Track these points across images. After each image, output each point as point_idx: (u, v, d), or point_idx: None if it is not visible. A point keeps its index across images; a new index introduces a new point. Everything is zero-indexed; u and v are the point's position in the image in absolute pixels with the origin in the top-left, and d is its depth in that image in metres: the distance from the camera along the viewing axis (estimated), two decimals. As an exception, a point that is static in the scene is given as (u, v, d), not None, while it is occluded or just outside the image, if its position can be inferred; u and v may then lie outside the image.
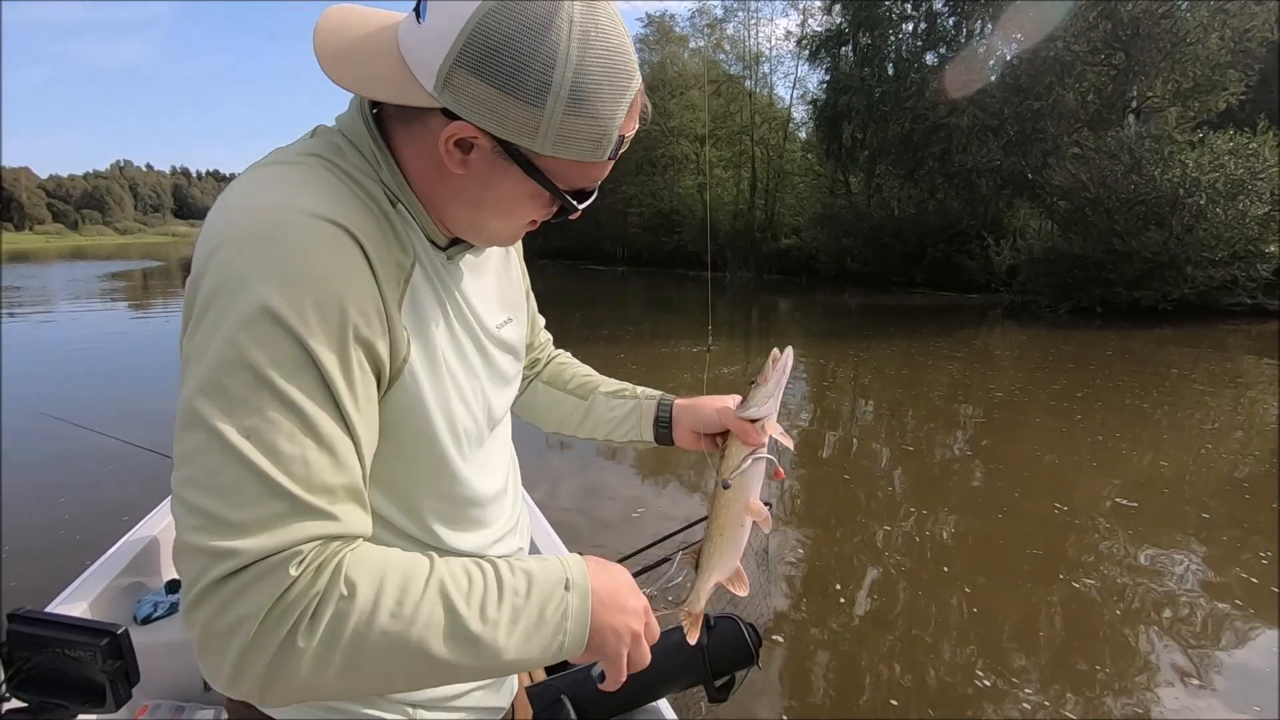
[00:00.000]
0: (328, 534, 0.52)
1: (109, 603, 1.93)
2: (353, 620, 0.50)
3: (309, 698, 0.51)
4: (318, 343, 0.53)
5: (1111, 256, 12.24)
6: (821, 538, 3.99)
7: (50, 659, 1.10)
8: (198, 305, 0.54)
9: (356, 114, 0.64)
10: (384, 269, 0.59)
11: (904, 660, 2.81)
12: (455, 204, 0.64)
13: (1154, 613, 3.13)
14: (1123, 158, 12.63)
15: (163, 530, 2.31)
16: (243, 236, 0.54)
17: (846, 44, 20.54)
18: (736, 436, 0.84)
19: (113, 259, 46.34)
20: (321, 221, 0.55)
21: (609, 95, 0.58)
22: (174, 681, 1.94)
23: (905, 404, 7.10)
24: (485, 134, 0.58)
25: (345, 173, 0.61)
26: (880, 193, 20.22)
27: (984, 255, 15.41)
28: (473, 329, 0.72)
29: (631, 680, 1.58)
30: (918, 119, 17.82)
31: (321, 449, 0.53)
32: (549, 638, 0.58)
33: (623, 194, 27.44)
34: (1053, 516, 4.13)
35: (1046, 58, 14.91)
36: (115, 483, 4.62)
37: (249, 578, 0.48)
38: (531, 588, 0.58)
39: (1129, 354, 9.34)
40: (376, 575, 0.52)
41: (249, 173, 0.60)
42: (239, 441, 0.50)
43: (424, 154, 0.62)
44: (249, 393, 0.51)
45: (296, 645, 0.49)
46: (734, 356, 9.76)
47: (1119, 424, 6.04)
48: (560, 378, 1.03)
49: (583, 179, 0.64)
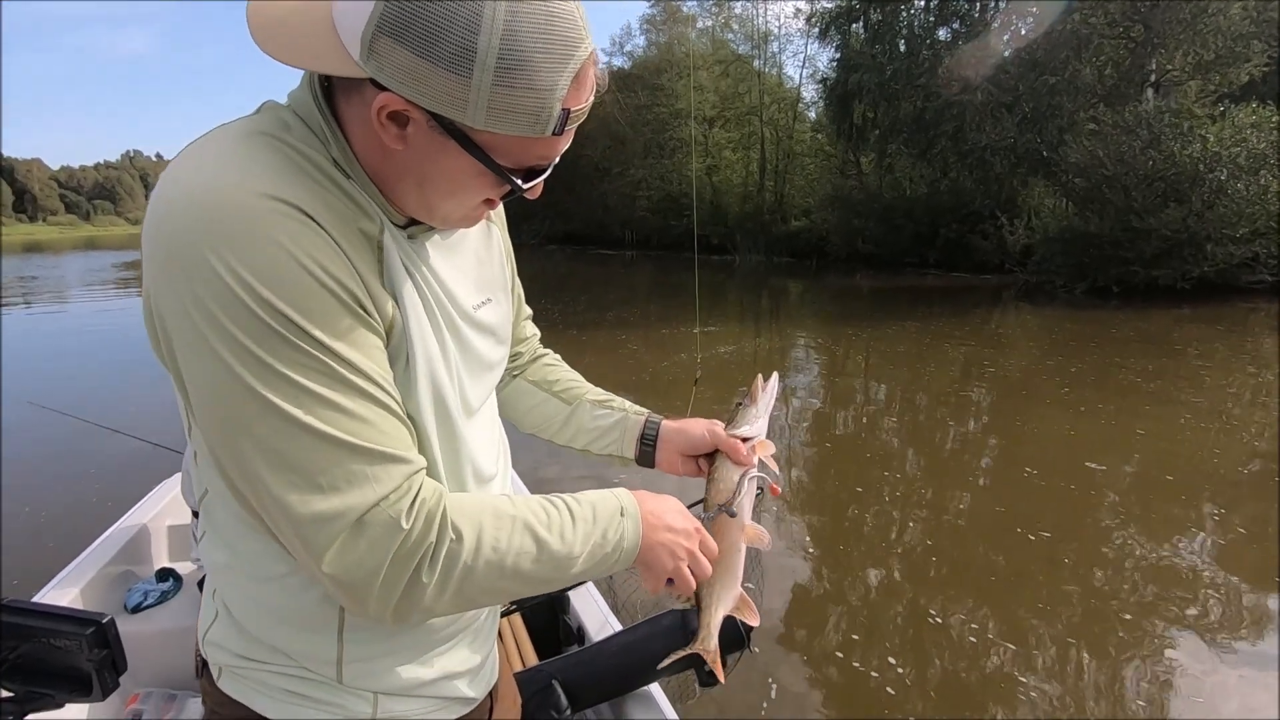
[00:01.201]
0: (408, 474, 0.58)
1: (99, 591, 1.92)
2: (463, 557, 0.59)
3: (431, 616, 0.63)
4: (308, 310, 0.54)
5: (1129, 235, 12.00)
6: (828, 520, 3.95)
7: (36, 649, 1.08)
8: (162, 296, 0.54)
9: (306, 88, 0.61)
10: (348, 240, 0.58)
11: (910, 645, 2.78)
12: (404, 183, 0.61)
13: (1167, 594, 3.08)
14: (1141, 133, 12.34)
15: (153, 519, 2.30)
16: (200, 223, 0.52)
17: (857, 20, 20.16)
18: (726, 456, 0.82)
19: (125, 249, 46.71)
20: (274, 201, 0.53)
21: (545, 64, 0.54)
22: (165, 669, 1.93)
23: (917, 386, 7.03)
24: (417, 107, 0.55)
25: (292, 148, 0.58)
26: (892, 173, 19.94)
27: (998, 235, 15.20)
28: (445, 309, 0.69)
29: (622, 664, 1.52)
30: (930, 97, 17.49)
31: (366, 400, 0.56)
32: (609, 554, 0.67)
33: (631, 177, 27.26)
34: (1065, 498, 4.08)
35: (1063, 31, 14.57)
36: (105, 471, 4.63)
37: (367, 537, 0.55)
38: (596, 516, 0.67)
39: (1146, 334, 9.20)
40: (475, 518, 0.60)
41: (191, 153, 0.57)
42: (297, 413, 0.53)
43: (367, 130, 0.58)
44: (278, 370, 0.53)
45: (421, 581, 0.57)
46: (733, 337, 9.70)
47: (1135, 405, 5.95)
48: (546, 379, 0.99)
49: (529, 156, 0.60)
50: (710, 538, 0.76)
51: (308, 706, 0.68)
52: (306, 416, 0.54)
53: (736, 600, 0.83)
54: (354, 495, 0.55)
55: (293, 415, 0.53)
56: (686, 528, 0.73)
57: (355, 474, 0.55)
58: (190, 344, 0.54)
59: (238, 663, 0.70)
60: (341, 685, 0.69)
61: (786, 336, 10.19)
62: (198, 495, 0.71)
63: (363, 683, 0.69)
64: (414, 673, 0.71)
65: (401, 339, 0.63)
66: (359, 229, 0.60)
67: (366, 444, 0.55)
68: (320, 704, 0.69)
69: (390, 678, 0.70)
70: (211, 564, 0.71)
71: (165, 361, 0.58)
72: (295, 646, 0.68)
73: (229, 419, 0.54)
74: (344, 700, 0.69)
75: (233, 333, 0.52)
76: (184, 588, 2.14)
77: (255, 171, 0.54)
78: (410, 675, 0.71)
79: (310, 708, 0.69)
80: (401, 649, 0.71)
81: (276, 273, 0.53)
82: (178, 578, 2.16)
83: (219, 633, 0.71)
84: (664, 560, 0.71)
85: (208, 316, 0.52)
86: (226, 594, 0.70)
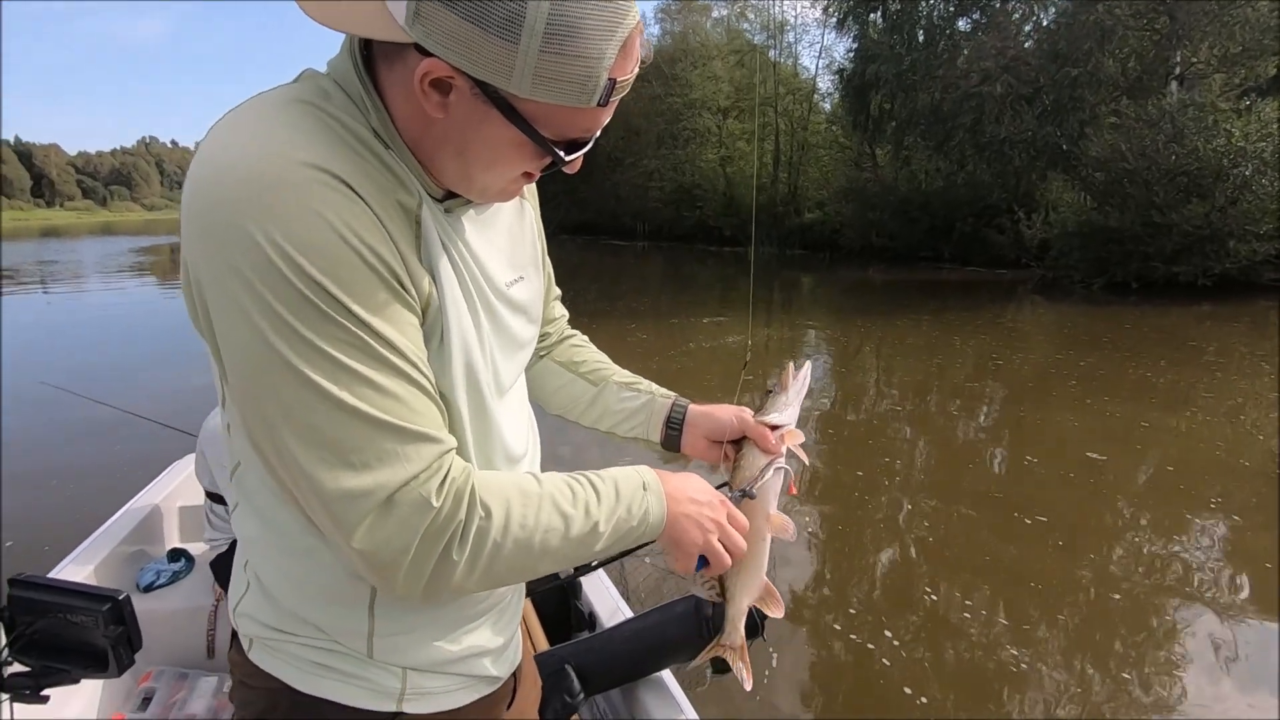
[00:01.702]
0: (438, 454, 0.57)
1: (111, 570, 1.93)
2: (492, 534, 0.59)
3: (461, 594, 0.64)
4: (346, 283, 0.53)
5: (1149, 230, 11.82)
6: (840, 514, 3.92)
7: (52, 624, 1.08)
8: (201, 265, 0.53)
9: (347, 56, 0.60)
10: (387, 213, 0.57)
11: (923, 637, 2.76)
12: (443, 153, 0.60)
13: (1180, 593, 3.05)
14: (1164, 127, 12.12)
15: (165, 499, 2.31)
16: (240, 191, 0.51)
17: (876, 10, 19.87)
18: (754, 444, 0.81)
19: (141, 235, 47.12)
20: (315, 170, 0.52)
21: (594, 32, 0.52)
22: (177, 649, 1.95)
23: (930, 381, 6.97)
24: (461, 73, 0.53)
25: (332, 117, 0.57)
26: (908, 165, 19.71)
27: (1014, 229, 15.01)
28: (480, 285, 0.68)
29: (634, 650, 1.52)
30: (948, 88, 17.22)
31: (399, 377, 0.56)
32: (634, 529, 0.67)
33: (644, 168, 27.13)
34: (1079, 496, 4.03)
35: (1086, 22, 14.30)
36: (116, 452, 4.67)
37: (397, 515, 0.55)
38: (619, 492, 0.66)
39: (1164, 331, 9.08)
40: (503, 496, 0.60)
41: (231, 120, 0.56)
42: (330, 388, 0.53)
43: (408, 98, 0.57)
44: (314, 343, 0.52)
45: (451, 559, 0.57)
46: (743, 329, 9.66)
47: (1151, 402, 5.88)
48: (573, 360, 0.98)
49: (573, 128, 0.58)
50: (739, 513, 0.75)
51: (338, 680, 0.68)
52: (340, 392, 0.53)
53: (761, 590, 0.81)
54: (384, 473, 0.54)
55: (326, 390, 0.53)
56: (711, 500, 0.72)
57: (386, 452, 0.55)
58: (227, 313, 0.53)
59: (269, 634, 0.69)
60: (371, 660, 0.68)
61: (797, 328, 10.14)
62: (230, 467, 0.70)
63: (392, 658, 0.69)
64: (443, 649, 0.71)
65: (437, 316, 0.62)
66: (397, 201, 0.59)
67: (399, 422, 0.55)
68: (350, 678, 0.68)
69: (420, 653, 0.70)
70: (243, 536, 0.71)
71: (202, 330, 0.58)
72: (326, 620, 0.67)
73: (263, 390, 0.54)
74: (373, 675, 0.69)
75: (270, 303, 0.51)
76: (195, 568, 2.15)
77: (296, 140, 0.54)
78: (439, 652, 0.71)
79: (340, 681, 0.68)
80: (431, 625, 0.71)
81: (316, 244, 0.52)
82: (189, 558, 2.17)
83: (250, 604, 0.71)
84: (692, 534, 0.70)
85: (246, 285, 0.51)
86: (258, 566, 0.70)
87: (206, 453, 1.98)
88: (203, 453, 2.01)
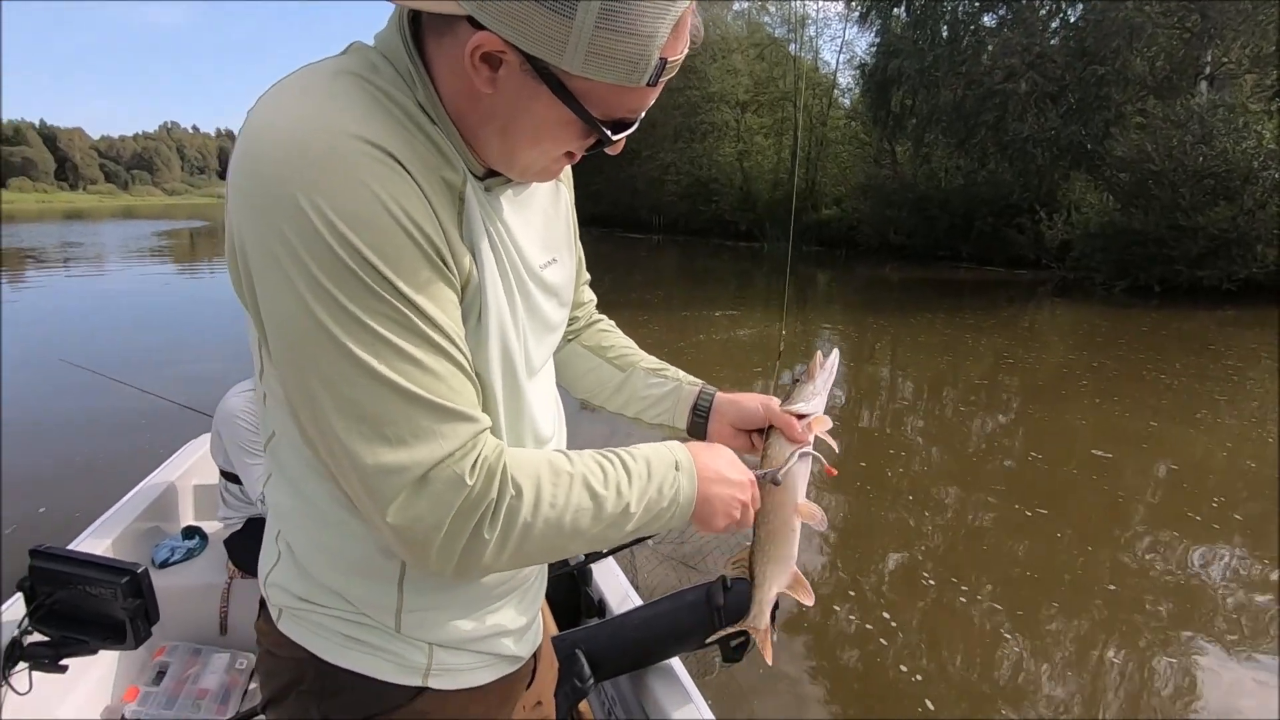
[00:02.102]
0: (473, 433, 0.57)
1: (127, 546, 1.95)
2: (523, 513, 0.58)
3: (490, 572, 0.64)
4: (391, 258, 0.53)
5: (1174, 232, 11.62)
6: (852, 513, 3.90)
7: (72, 595, 1.09)
8: (247, 232, 0.54)
9: (395, 29, 0.60)
10: (433, 189, 0.57)
11: (931, 639, 2.73)
12: (487, 130, 0.60)
13: (1193, 602, 3.01)
14: (1192, 128, 11.89)
15: (181, 476, 2.33)
16: (289, 162, 0.52)
17: (899, 5, 19.62)
18: (780, 432, 0.81)
19: (161, 219, 47.68)
20: (364, 143, 0.53)
21: (649, 9, 0.52)
22: (191, 624, 1.97)
23: (945, 381, 6.91)
24: (512, 48, 0.53)
25: (381, 90, 0.57)
26: (928, 162, 19.48)
27: (1035, 229, 14.81)
28: (515, 266, 0.67)
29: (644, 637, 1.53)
30: (972, 84, 16.98)
31: (439, 354, 0.56)
32: (665, 509, 0.67)
33: (660, 160, 27.02)
34: (1093, 500, 3.99)
35: (1115, 19, 14.04)
36: (134, 429, 4.73)
37: (431, 492, 0.55)
38: (651, 471, 0.66)
39: (1187, 335, 8.93)
40: (534, 475, 0.60)
41: (279, 91, 0.56)
42: (371, 362, 0.53)
43: (456, 72, 0.57)
44: (355, 315, 0.53)
45: (483, 537, 0.57)
46: (755, 322, 9.62)
47: (1171, 408, 5.80)
48: (600, 344, 0.98)
49: (620, 107, 0.58)
50: (759, 493, 0.76)
51: (365, 652, 0.69)
52: (380, 366, 0.53)
53: (790, 578, 0.82)
54: (420, 450, 0.55)
55: (366, 363, 0.53)
56: (741, 479, 0.72)
57: (423, 429, 0.55)
58: (271, 282, 0.53)
59: (298, 605, 0.70)
60: (399, 634, 0.69)
61: (810, 323, 10.08)
62: (264, 438, 0.70)
63: (419, 633, 0.69)
64: (468, 627, 0.72)
65: (476, 294, 0.62)
66: (442, 178, 0.59)
67: (436, 399, 0.55)
68: (377, 650, 0.69)
69: (446, 630, 0.71)
70: (276, 506, 0.72)
71: (244, 298, 0.58)
72: (356, 592, 0.68)
73: (304, 361, 0.54)
74: (400, 649, 0.69)
75: (315, 274, 0.52)
76: (209, 546, 2.17)
77: (346, 113, 0.54)
78: (465, 629, 0.71)
79: (367, 653, 0.69)
80: (458, 603, 0.71)
81: (363, 216, 0.52)
82: (203, 536, 2.20)
83: (281, 574, 0.72)
84: (718, 515, 0.71)
85: (292, 255, 0.52)
86: (290, 536, 0.70)
87: (222, 432, 1.99)
88: (218, 432, 2.02)
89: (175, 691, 1.81)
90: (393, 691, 0.69)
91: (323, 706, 0.70)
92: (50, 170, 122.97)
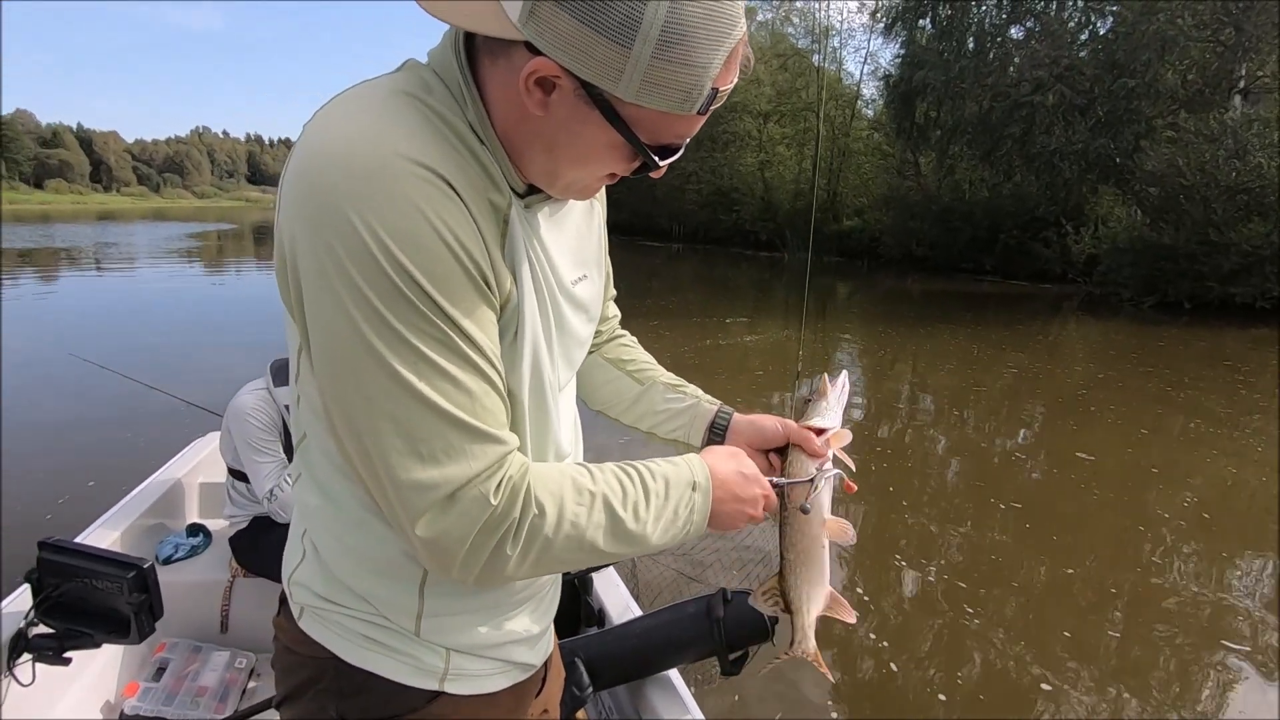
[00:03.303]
0: (501, 454, 0.59)
1: (132, 542, 1.96)
2: (545, 530, 0.60)
3: (509, 581, 0.69)
4: (437, 278, 0.55)
5: (1205, 248, 11.39)
6: (869, 527, 3.83)
7: (78, 588, 1.09)
8: (299, 242, 0.55)
9: (449, 48, 0.62)
10: (480, 211, 0.59)
11: (946, 659, 2.66)
12: (533, 149, 0.61)
13: (1218, 626, 2.91)
14: (1225, 142, 11.66)
15: (187, 473, 2.34)
16: (344, 179, 0.53)
17: (925, 16, 19.52)
18: (799, 449, 0.81)
19: (191, 221, 48.68)
20: (417, 166, 0.54)
21: (705, 40, 0.54)
22: (192, 622, 1.97)
23: (967, 396, 6.80)
24: (568, 74, 0.55)
25: (434, 111, 0.59)
26: (952, 174, 19.31)
27: (1061, 243, 14.61)
28: (550, 283, 0.69)
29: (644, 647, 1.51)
30: (998, 97, 16.81)
31: (477, 375, 0.58)
32: (680, 528, 0.68)
33: (681, 170, 27.05)
34: (1117, 520, 3.89)
35: (1146, 32, 13.83)
36: (144, 425, 4.77)
37: (458, 509, 0.57)
38: (669, 490, 0.68)
39: (1218, 354, 8.71)
40: (557, 493, 0.61)
41: (337, 107, 0.58)
42: (412, 380, 0.55)
43: (507, 93, 0.59)
44: (400, 332, 0.54)
45: (505, 553, 0.59)
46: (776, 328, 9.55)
47: (1200, 427, 5.66)
48: (621, 358, 0.99)
49: (668, 133, 0.60)
50: (774, 498, 0.77)
51: (384, 654, 0.70)
52: (419, 383, 0.55)
53: (828, 600, 0.81)
54: (451, 469, 0.57)
55: (406, 380, 0.55)
56: (754, 495, 0.74)
57: (455, 448, 0.57)
58: (319, 293, 0.55)
59: (320, 604, 0.71)
60: (418, 638, 0.70)
61: (829, 334, 10.00)
62: (296, 439, 0.72)
63: (438, 638, 0.71)
64: (486, 633, 0.73)
65: (514, 314, 0.64)
66: (489, 200, 0.61)
67: (470, 419, 0.57)
68: (396, 653, 0.70)
69: (464, 636, 0.72)
70: (303, 505, 0.73)
71: (290, 303, 0.60)
72: (378, 594, 0.69)
73: (346, 372, 0.56)
74: (419, 652, 0.70)
75: (362, 289, 0.53)
76: (213, 544, 2.18)
77: (400, 134, 0.55)
78: (482, 635, 0.73)
79: (386, 655, 0.70)
80: (476, 610, 0.72)
81: (413, 237, 0.54)
82: (208, 533, 2.20)
83: (305, 573, 0.73)
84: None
85: (340, 270, 0.53)
86: (316, 535, 0.72)
87: (232, 429, 2.00)
88: (228, 429, 2.03)
89: (175, 688, 1.81)
90: (409, 694, 0.70)
91: (340, 706, 0.71)
92: (85, 173, 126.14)
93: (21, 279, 13.92)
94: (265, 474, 1.95)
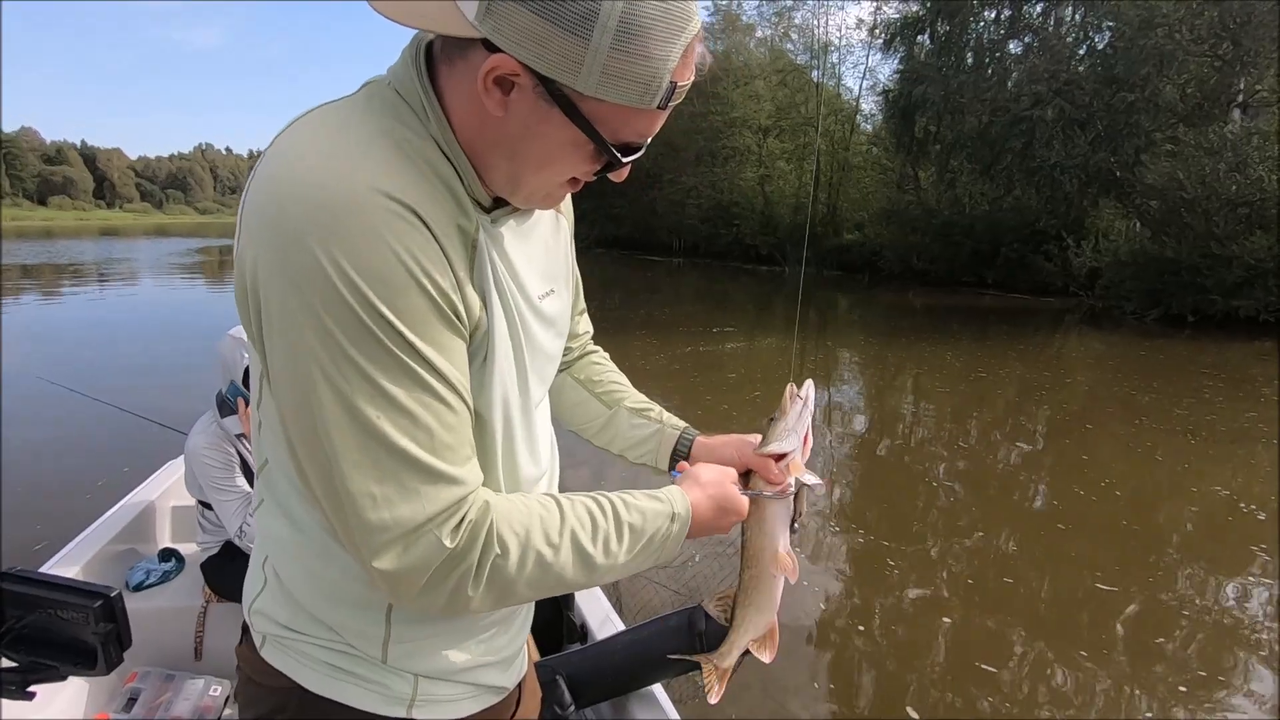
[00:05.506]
0: (459, 496, 0.58)
1: (101, 568, 1.91)
2: (508, 571, 0.60)
3: (474, 615, 0.70)
4: (404, 313, 0.54)
5: (1208, 261, 11.37)
6: (868, 542, 3.76)
7: (42, 619, 1.03)
8: (261, 272, 0.54)
9: (408, 62, 0.61)
10: (448, 239, 0.58)
11: (946, 672, 2.59)
12: (495, 155, 0.61)
13: (1220, 642, 2.85)
14: (1225, 155, 11.68)
15: (159, 497, 2.28)
16: (312, 210, 0.52)
17: (923, 32, 19.69)
18: (758, 476, 0.80)
19: (193, 236, 48.90)
20: (386, 199, 0.54)
21: (662, 33, 0.54)
22: (165, 649, 1.91)
23: (969, 410, 6.74)
24: (527, 70, 0.54)
25: (402, 137, 0.58)
26: (953, 188, 19.37)
27: (1062, 257, 14.59)
28: (517, 300, 0.68)
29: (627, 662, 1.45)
30: (997, 111, 16.90)
31: (442, 408, 0.57)
32: (652, 557, 0.69)
33: (682, 184, 27.21)
34: (1121, 535, 3.82)
35: (1144, 47, 13.91)
36: (113, 449, 4.61)
37: (413, 551, 0.56)
38: (645, 523, 0.67)
39: (1221, 367, 8.65)
40: (522, 531, 0.60)
41: (301, 134, 0.57)
42: (371, 418, 0.54)
43: (467, 97, 0.59)
44: (363, 369, 0.53)
45: (466, 593, 0.59)
46: (770, 344, 9.50)
47: (1204, 442, 5.58)
48: (591, 378, 0.99)
49: (629, 130, 0.59)
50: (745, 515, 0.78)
51: (350, 682, 0.69)
52: (379, 421, 0.54)
53: (765, 629, 0.81)
54: (406, 511, 0.56)
55: (366, 417, 0.54)
56: (725, 524, 0.75)
57: (410, 490, 0.56)
58: (282, 326, 0.54)
59: (283, 633, 0.70)
60: (385, 665, 0.69)
61: (829, 349, 9.96)
62: (257, 465, 0.70)
63: (405, 664, 0.69)
64: (454, 658, 0.72)
65: (484, 340, 0.63)
66: (458, 226, 0.60)
67: (428, 459, 0.56)
68: (363, 681, 0.69)
69: (432, 661, 0.71)
70: (265, 533, 0.71)
71: (250, 331, 0.59)
72: (344, 622, 0.68)
73: (307, 405, 0.55)
74: (386, 679, 0.69)
75: (327, 325, 0.53)
76: (186, 569, 2.11)
77: (369, 166, 0.55)
78: (450, 661, 0.72)
79: (353, 683, 0.69)
80: (445, 634, 0.71)
81: (380, 273, 0.53)
82: (180, 558, 2.14)
83: (266, 602, 0.71)
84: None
85: (305, 305, 0.52)
86: (278, 563, 0.70)
87: (194, 466, 1.96)
88: (190, 469, 1.99)
89: (147, 717, 1.74)
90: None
91: None
92: (89, 190, 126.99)
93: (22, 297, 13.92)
94: (232, 512, 1.91)
